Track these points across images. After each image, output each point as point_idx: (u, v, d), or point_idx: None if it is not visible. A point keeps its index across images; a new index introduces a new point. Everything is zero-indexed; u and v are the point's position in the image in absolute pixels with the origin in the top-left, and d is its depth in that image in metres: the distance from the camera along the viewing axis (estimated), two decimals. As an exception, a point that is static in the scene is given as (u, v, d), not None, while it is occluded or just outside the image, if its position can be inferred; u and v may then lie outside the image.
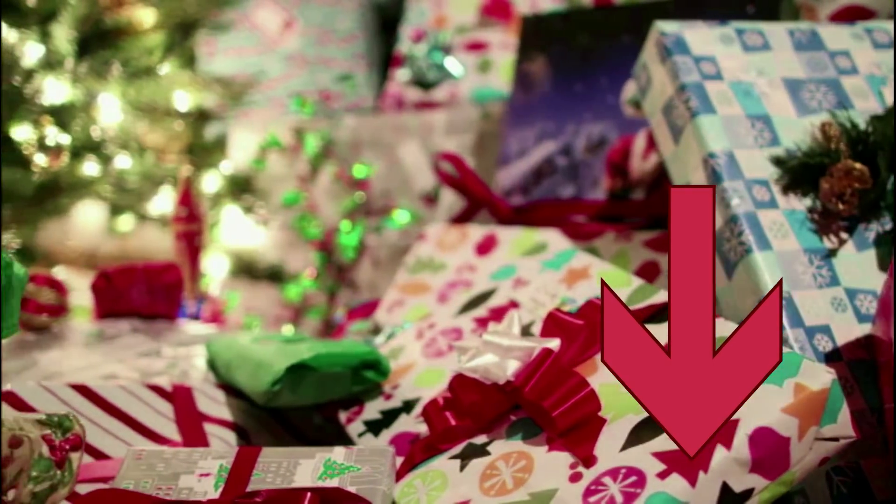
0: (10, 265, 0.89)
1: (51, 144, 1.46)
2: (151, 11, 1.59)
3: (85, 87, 1.52)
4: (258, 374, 1.04)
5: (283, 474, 0.89)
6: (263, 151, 1.76)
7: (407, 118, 1.64)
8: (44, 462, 0.76)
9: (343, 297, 1.69)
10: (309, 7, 1.89)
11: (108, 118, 1.57)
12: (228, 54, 1.88)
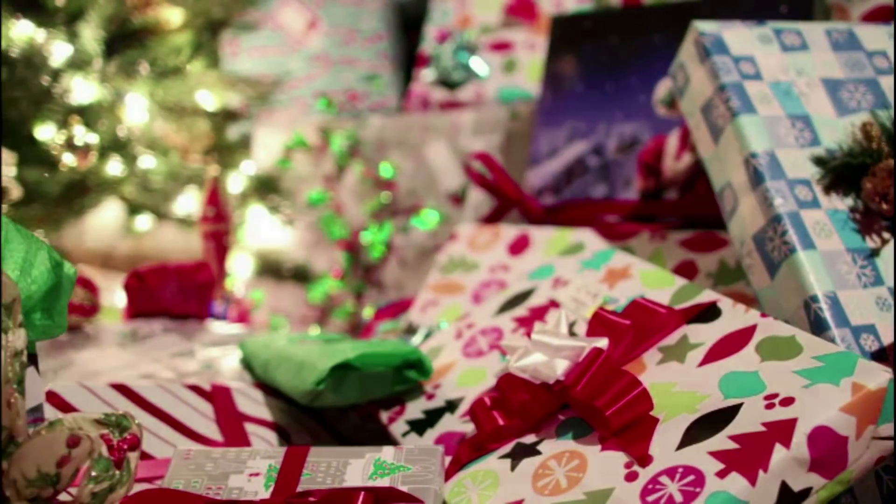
0: (61, 265, 0.88)
1: (79, 144, 1.46)
2: (178, 11, 1.58)
3: (113, 87, 1.52)
4: (301, 373, 1.04)
5: (333, 474, 0.88)
6: (289, 151, 1.76)
7: (434, 118, 1.64)
8: (103, 462, 0.76)
9: (370, 297, 1.69)
10: (333, 7, 1.89)
11: (134, 118, 1.57)
12: (252, 54, 1.88)
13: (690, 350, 0.91)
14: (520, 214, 1.40)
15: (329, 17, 1.90)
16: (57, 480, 0.77)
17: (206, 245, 1.47)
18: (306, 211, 1.75)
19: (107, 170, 1.54)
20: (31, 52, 1.46)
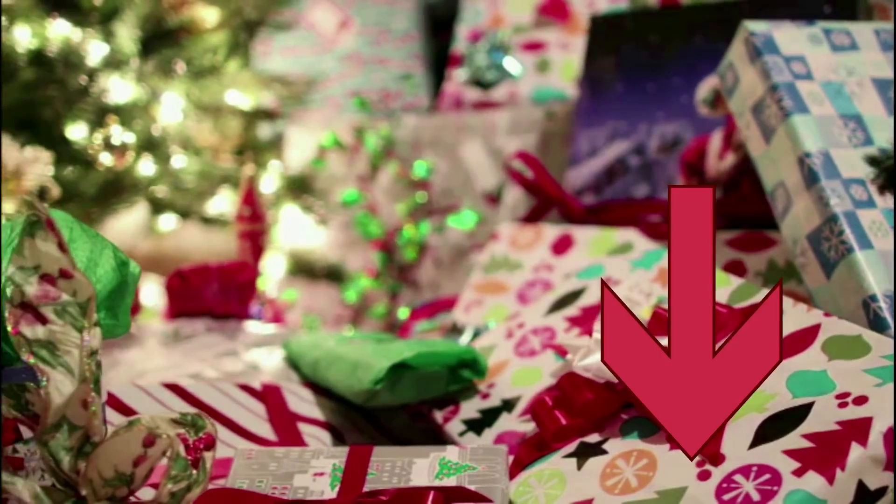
0: (126, 263, 0.88)
1: (116, 144, 1.46)
2: (214, 11, 1.58)
3: (149, 87, 1.52)
4: (356, 373, 1.04)
5: (398, 473, 0.88)
6: (323, 151, 1.76)
7: (469, 118, 1.64)
8: (181, 461, 0.76)
9: (404, 297, 1.69)
10: (365, 7, 1.89)
11: (169, 117, 1.57)
12: (284, 54, 1.88)
13: (754, 349, 0.91)
14: (559, 214, 1.40)
15: (361, 16, 1.90)
16: (131, 480, 0.77)
17: (242, 245, 1.46)
18: (340, 211, 1.75)
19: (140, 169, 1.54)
20: (67, 51, 1.46)
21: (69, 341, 0.77)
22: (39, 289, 0.77)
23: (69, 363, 0.77)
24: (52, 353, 0.77)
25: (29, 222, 0.77)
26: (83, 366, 0.76)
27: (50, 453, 0.77)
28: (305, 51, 1.91)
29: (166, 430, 0.75)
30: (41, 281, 0.77)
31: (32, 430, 0.79)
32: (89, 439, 0.77)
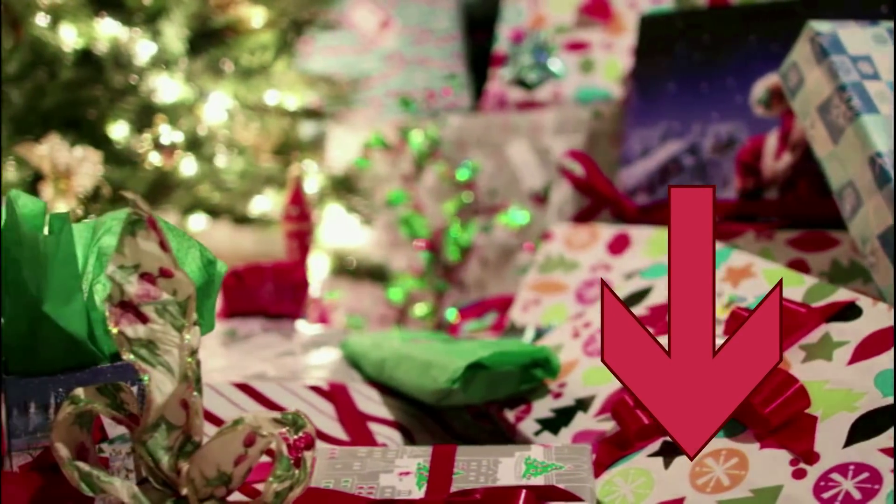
0: (213, 262, 0.88)
1: (165, 143, 1.45)
2: (261, 10, 1.58)
3: (198, 86, 1.51)
4: (429, 372, 1.04)
5: (485, 473, 0.88)
6: (368, 150, 1.75)
7: (515, 117, 1.64)
8: (285, 461, 0.75)
9: (450, 297, 1.69)
10: (406, 7, 1.89)
11: (214, 117, 1.56)
12: (325, 53, 1.88)
13: (836, 348, 0.91)
14: (610, 214, 1.40)
15: (402, 16, 1.89)
16: (230, 479, 0.77)
17: (290, 244, 1.46)
18: (384, 210, 1.75)
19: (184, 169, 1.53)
20: (115, 50, 1.45)
21: (169, 340, 0.77)
22: (140, 288, 0.76)
23: (169, 362, 0.76)
24: (152, 353, 0.76)
25: (130, 221, 0.76)
26: (183, 365, 0.76)
27: (149, 453, 0.77)
28: (346, 51, 1.91)
29: (270, 430, 0.75)
30: (141, 280, 0.77)
31: (131, 429, 0.79)
32: (190, 439, 0.77)
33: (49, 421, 0.86)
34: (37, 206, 0.87)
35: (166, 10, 1.46)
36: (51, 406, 0.86)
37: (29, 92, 1.46)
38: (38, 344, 0.85)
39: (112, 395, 0.80)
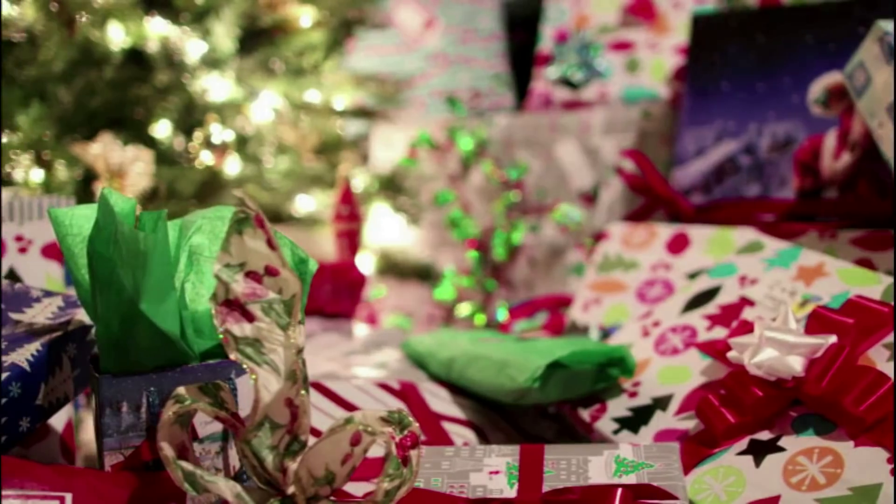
0: (306, 261, 0.88)
1: (216, 142, 1.45)
2: (310, 9, 1.57)
3: (248, 85, 1.51)
4: (506, 372, 1.04)
5: (575, 471, 0.88)
6: (414, 150, 1.75)
7: (563, 117, 1.64)
8: (395, 460, 0.75)
9: (498, 296, 1.69)
10: (450, 6, 1.88)
11: (261, 116, 1.56)
12: (368, 53, 1.87)
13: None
14: (664, 213, 1.40)
15: (446, 16, 1.89)
16: (334, 479, 0.77)
17: (340, 244, 1.46)
18: (430, 210, 1.74)
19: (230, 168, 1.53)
20: (165, 49, 1.45)
21: (274, 339, 0.76)
22: (246, 286, 0.76)
23: (275, 361, 0.76)
24: (258, 351, 0.76)
25: (236, 219, 0.76)
26: (290, 364, 0.76)
27: (253, 452, 0.77)
28: (390, 50, 1.91)
29: (380, 429, 0.75)
30: (247, 278, 0.77)
31: (234, 429, 0.79)
32: (297, 438, 0.76)
33: (141, 420, 0.86)
34: (128, 204, 0.87)
35: (215, 9, 1.46)
36: (142, 405, 0.86)
37: (78, 91, 1.46)
38: (131, 343, 0.84)
39: (213, 394, 0.80)
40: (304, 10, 1.56)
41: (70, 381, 0.97)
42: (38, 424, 0.94)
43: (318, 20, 1.57)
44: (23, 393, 0.89)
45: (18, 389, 0.88)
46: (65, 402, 0.97)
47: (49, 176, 1.39)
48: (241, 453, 0.78)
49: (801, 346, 0.91)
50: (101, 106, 1.50)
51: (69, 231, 0.89)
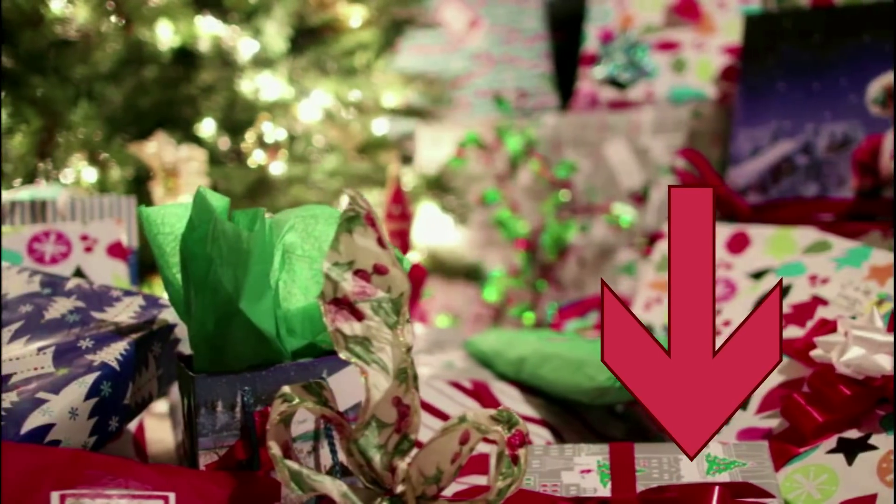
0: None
1: (269, 142, 1.45)
2: (360, 9, 1.57)
3: (300, 84, 1.50)
4: (583, 370, 1.04)
5: (668, 470, 0.88)
6: (462, 149, 1.75)
7: (612, 117, 1.64)
8: (506, 459, 0.75)
9: (547, 296, 1.69)
10: (494, 6, 1.88)
11: (310, 115, 1.56)
12: (412, 52, 1.87)
13: None
14: (720, 213, 1.40)
15: (491, 16, 1.89)
16: (441, 477, 0.77)
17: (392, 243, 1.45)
18: (478, 209, 1.74)
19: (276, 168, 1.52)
20: (217, 48, 1.44)
21: (382, 337, 0.76)
22: (356, 285, 0.76)
23: (383, 360, 0.76)
24: (367, 350, 0.76)
25: (347, 217, 0.76)
26: (398, 362, 0.76)
27: (360, 451, 0.77)
28: (434, 49, 1.90)
29: (491, 428, 0.75)
30: (356, 276, 0.76)
31: (341, 428, 0.78)
32: (406, 437, 0.76)
33: (235, 419, 0.86)
34: (222, 202, 0.86)
35: (265, 8, 1.45)
36: (237, 404, 0.85)
37: (128, 90, 1.45)
38: (227, 342, 0.84)
39: (318, 392, 0.79)
40: (353, 10, 1.56)
41: (154, 381, 0.96)
42: (125, 424, 0.93)
43: (367, 19, 1.57)
44: (112, 392, 0.88)
45: (109, 389, 0.88)
46: (149, 401, 0.97)
47: (103, 175, 1.39)
48: (347, 452, 0.78)
49: (889, 345, 0.91)
50: (150, 105, 1.50)
51: (160, 230, 0.88)
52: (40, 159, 1.22)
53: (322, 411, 0.78)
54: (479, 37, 1.87)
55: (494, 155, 1.73)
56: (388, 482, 0.77)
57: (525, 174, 1.70)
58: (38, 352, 0.90)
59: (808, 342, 1.01)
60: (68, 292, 0.99)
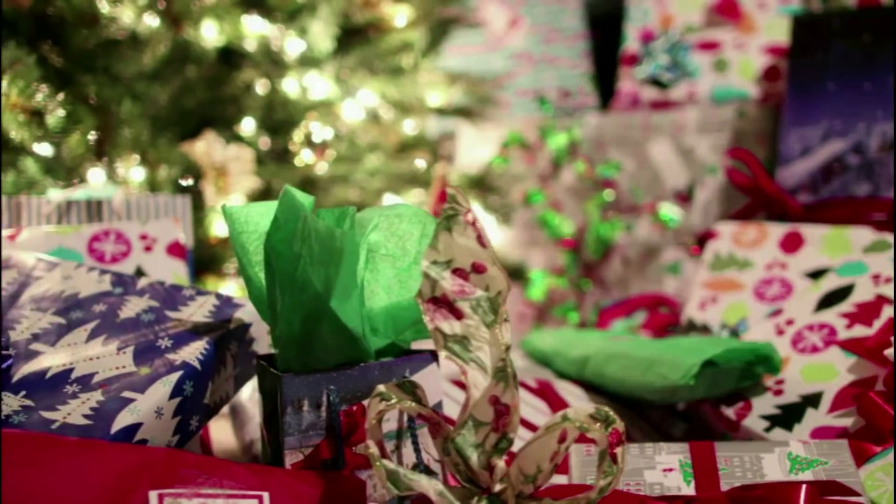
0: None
1: (316, 141, 1.44)
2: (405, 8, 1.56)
3: (346, 84, 1.50)
4: (655, 369, 1.04)
5: (750, 469, 0.88)
6: (505, 149, 1.75)
7: (655, 117, 1.64)
8: (608, 457, 0.75)
9: (592, 295, 1.69)
10: (534, 5, 1.88)
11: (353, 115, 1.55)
12: (452, 51, 1.87)
13: None
14: (770, 212, 1.40)
15: (531, 15, 1.89)
16: (538, 476, 0.77)
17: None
18: (520, 209, 1.74)
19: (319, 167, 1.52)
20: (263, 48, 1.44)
21: (480, 336, 0.76)
22: (455, 283, 0.76)
23: (481, 359, 0.76)
24: (466, 349, 0.76)
25: (446, 216, 0.76)
26: (496, 361, 0.76)
27: (457, 449, 0.77)
28: (475, 49, 1.90)
29: (592, 427, 0.75)
30: (454, 275, 0.76)
31: (436, 427, 0.78)
32: (506, 436, 0.76)
33: (321, 418, 0.85)
34: (308, 200, 0.86)
35: (311, 7, 1.45)
36: (322, 404, 0.85)
37: (174, 89, 1.45)
38: (315, 341, 0.84)
39: (411, 391, 0.79)
40: (398, 9, 1.55)
41: (231, 381, 0.96)
42: (204, 424, 0.93)
43: (411, 19, 1.57)
44: (194, 392, 0.88)
45: (191, 388, 0.88)
46: (226, 401, 0.96)
47: (151, 174, 1.38)
48: (443, 451, 0.78)
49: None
50: (194, 105, 1.49)
51: (244, 228, 0.88)
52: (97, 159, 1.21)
53: (419, 410, 0.78)
54: (519, 36, 1.87)
55: (537, 155, 1.73)
56: (485, 481, 0.77)
57: (568, 173, 1.70)
58: (118, 351, 0.90)
59: (879, 341, 1.02)
60: (140, 291, 0.99)
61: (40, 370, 0.88)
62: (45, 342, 0.92)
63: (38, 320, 0.95)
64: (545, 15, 1.88)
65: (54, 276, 1.01)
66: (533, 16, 1.90)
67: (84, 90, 1.29)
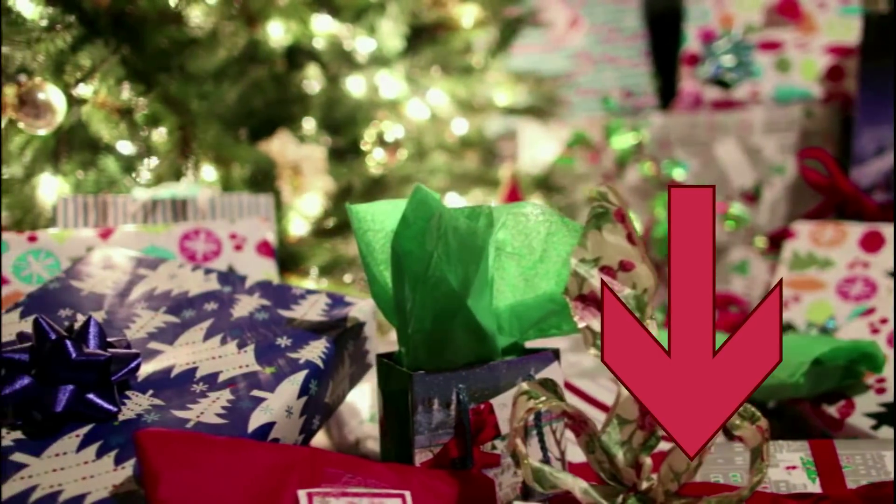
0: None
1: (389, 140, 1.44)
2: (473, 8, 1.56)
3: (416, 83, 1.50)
4: (761, 368, 1.04)
5: (874, 466, 0.88)
6: (570, 149, 1.75)
7: (721, 116, 1.64)
8: (759, 454, 0.75)
9: (659, 295, 1.69)
10: (594, 5, 1.88)
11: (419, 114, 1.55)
12: (514, 51, 1.86)
13: None
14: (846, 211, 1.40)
15: (591, 15, 1.89)
16: (683, 474, 0.77)
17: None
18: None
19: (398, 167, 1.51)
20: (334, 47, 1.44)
21: (628, 335, 0.76)
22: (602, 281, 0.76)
23: (629, 356, 0.76)
24: (613, 347, 0.76)
25: (595, 214, 0.76)
26: (645, 359, 0.75)
27: (603, 448, 0.77)
28: (535, 48, 1.90)
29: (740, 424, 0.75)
30: (602, 273, 0.76)
31: (579, 425, 0.78)
32: (654, 433, 0.76)
33: (450, 417, 0.85)
34: (437, 199, 0.86)
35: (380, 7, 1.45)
36: (452, 402, 0.85)
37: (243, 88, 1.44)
38: (448, 339, 0.84)
39: (553, 390, 0.79)
40: (465, 9, 1.55)
41: (347, 380, 0.96)
42: (323, 423, 0.93)
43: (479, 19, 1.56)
44: (318, 391, 0.88)
45: (315, 387, 0.87)
46: (342, 399, 0.96)
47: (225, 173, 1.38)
48: (588, 449, 0.78)
49: None
50: (262, 104, 1.49)
51: (370, 227, 0.88)
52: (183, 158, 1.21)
53: (564, 408, 0.78)
54: (579, 36, 1.87)
55: (601, 154, 1.73)
56: (630, 479, 0.77)
57: (632, 173, 1.71)
58: (239, 350, 0.90)
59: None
60: (250, 290, 0.99)
61: (164, 369, 0.87)
62: (163, 341, 0.91)
63: (151, 319, 0.95)
64: (604, 14, 1.88)
65: (160, 275, 1.01)
66: (592, 16, 1.90)
67: (165, 89, 1.29)
